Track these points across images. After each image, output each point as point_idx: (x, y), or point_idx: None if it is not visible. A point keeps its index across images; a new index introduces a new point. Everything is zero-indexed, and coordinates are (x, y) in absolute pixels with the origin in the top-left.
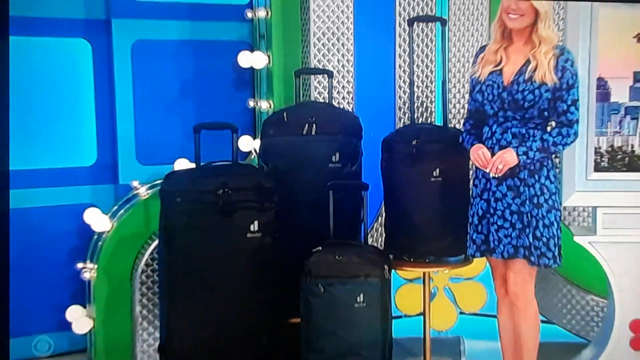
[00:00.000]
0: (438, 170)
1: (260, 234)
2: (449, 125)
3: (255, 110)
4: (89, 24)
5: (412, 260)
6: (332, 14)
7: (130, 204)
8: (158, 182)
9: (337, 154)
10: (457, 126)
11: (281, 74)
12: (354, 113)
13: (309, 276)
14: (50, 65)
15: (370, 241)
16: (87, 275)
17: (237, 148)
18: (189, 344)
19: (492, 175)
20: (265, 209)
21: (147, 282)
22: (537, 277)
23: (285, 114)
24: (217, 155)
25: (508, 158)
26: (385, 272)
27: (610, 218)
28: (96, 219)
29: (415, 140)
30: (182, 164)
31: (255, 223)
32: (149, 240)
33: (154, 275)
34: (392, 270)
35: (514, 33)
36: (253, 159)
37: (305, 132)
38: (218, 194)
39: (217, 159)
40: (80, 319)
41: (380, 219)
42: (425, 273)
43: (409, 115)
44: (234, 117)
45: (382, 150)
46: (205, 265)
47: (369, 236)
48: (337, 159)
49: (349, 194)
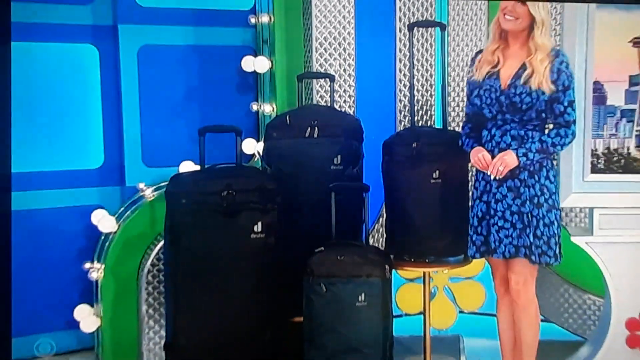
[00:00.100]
0: (438, 172)
1: (264, 235)
2: (449, 128)
3: (259, 114)
4: (97, 30)
5: (413, 260)
6: (333, 20)
7: (137, 205)
8: (164, 184)
9: (339, 156)
10: (457, 129)
11: (284, 78)
12: (355, 116)
13: (311, 275)
14: (59, 70)
15: (371, 241)
16: (94, 275)
17: (241, 150)
18: (195, 341)
19: (492, 177)
20: (269, 210)
21: (153, 281)
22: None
23: (288, 117)
24: (222, 158)
25: (508, 160)
26: (386, 272)
27: (607, 219)
28: (103, 220)
29: (415, 143)
30: (187, 166)
31: (259, 224)
32: (154, 240)
33: (159, 274)
34: (393, 270)
35: (510, 35)
36: (256, 161)
37: (307, 134)
38: (222, 196)
39: (222, 162)
40: (88, 317)
41: (381, 219)
42: (425, 273)
43: (409, 118)
44: (237, 120)
45: (383, 153)
46: (210, 265)
47: (370, 237)
48: (339, 161)
49: (351, 195)
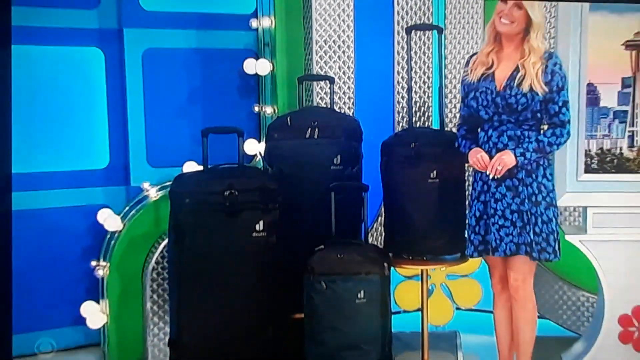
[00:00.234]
0: (435, 172)
1: (265, 234)
2: (446, 129)
3: (260, 115)
4: (102, 33)
5: (411, 258)
6: (333, 23)
7: (141, 204)
8: (168, 183)
9: (339, 156)
10: (454, 130)
11: (285, 81)
12: (355, 117)
13: (312, 273)
14: (66, 73)
15: (370, 240)
16: (100, 272)
17: (243, 151)
18: (198, 338)
19: (491, 176)
20: (270, 210)
21: (157, 279)
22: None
23: (288, 118)
24: (224, 158)
25: (506, 159)
26: (385, 270)
27: (600, 217)
28: (109, 219)
29: (413, 144)
30: (191, 166)
31: (261, 223)
32: (159, 239)
33: (164, 272)
34: (392, 268)
35: (504, 38)
36: (258, 162)
37: (308, 135)
38: (225, 195)
39: (224, 162)
40: (94, 314)
41: (380, 218)
42: (423, 270)
43: (407, 119)
44: (239, 121)
45: (382, 153)
46: (213, 263)
47: (369, 235)
48: (339, 162)
49: (350, 195)
